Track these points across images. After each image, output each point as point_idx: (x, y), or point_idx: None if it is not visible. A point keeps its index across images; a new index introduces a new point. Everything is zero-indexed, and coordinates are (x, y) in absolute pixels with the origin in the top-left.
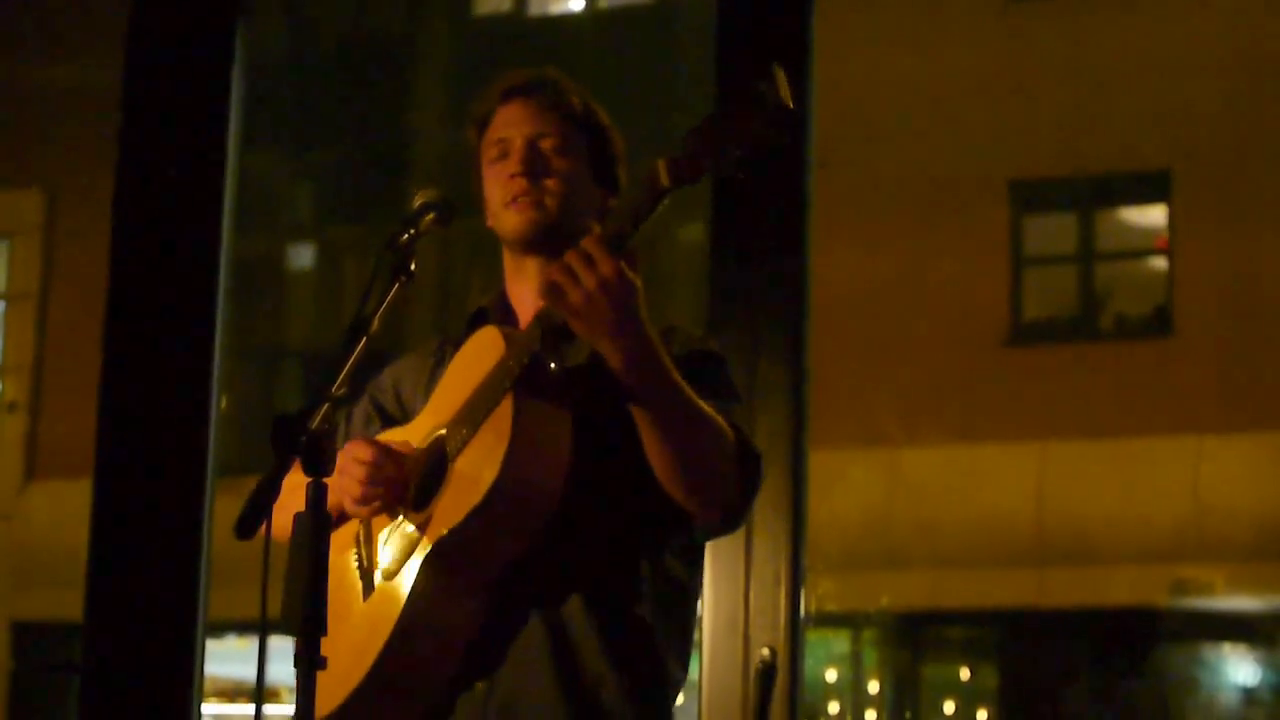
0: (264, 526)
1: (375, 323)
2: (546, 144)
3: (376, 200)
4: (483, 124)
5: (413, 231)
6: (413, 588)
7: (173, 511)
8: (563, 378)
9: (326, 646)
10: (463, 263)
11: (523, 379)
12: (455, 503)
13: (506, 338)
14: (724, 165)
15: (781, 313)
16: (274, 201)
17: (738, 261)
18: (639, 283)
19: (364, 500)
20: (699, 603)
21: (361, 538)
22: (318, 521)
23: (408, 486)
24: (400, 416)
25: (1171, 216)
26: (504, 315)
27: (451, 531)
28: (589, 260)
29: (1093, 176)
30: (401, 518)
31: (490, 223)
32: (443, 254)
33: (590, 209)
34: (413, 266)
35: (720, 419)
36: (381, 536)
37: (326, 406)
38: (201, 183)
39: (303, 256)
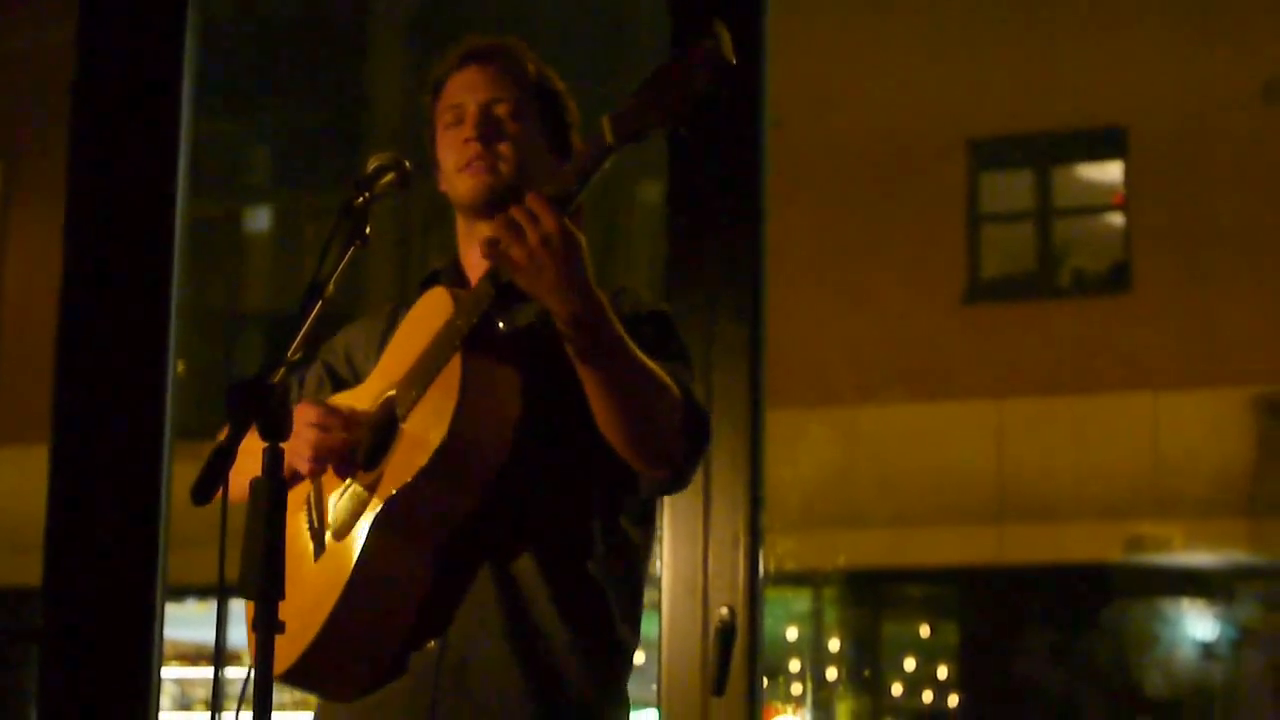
0: (221, 491)
1: (331, 286)
2: (500, 109)
3: (333, 163)
4: (437, 89)
5: (368, 195)
6: (363, 547)
7: (131, 476)
8: (511, 336)
9: (285, 605)
10: (420, 226)
11: (470, 338)
12: (404, 463)
13: (454, 298)
14: (668, 121)
15: (739, 272)
16: (230, 165)
17: (694, 222)
18: (583, 239)
19: (312, 461)
20: (651, 565)
21: (312, 499)
22: (275, 486)
23: (357, 448)
24: (352, 380)
25: (1128, 173)
26: (457, 279)
27: (400, 491)
28: (532, 216)
29: (1049, 133)
30: (352, 479)
31: (443, 187)
32: (400, 217)
33: (543, 175)
34: (368, 230)
35: (667, 377)
36: (333, 498)
37: (283, 371)
38: (156, 147)
39: (259, 220)
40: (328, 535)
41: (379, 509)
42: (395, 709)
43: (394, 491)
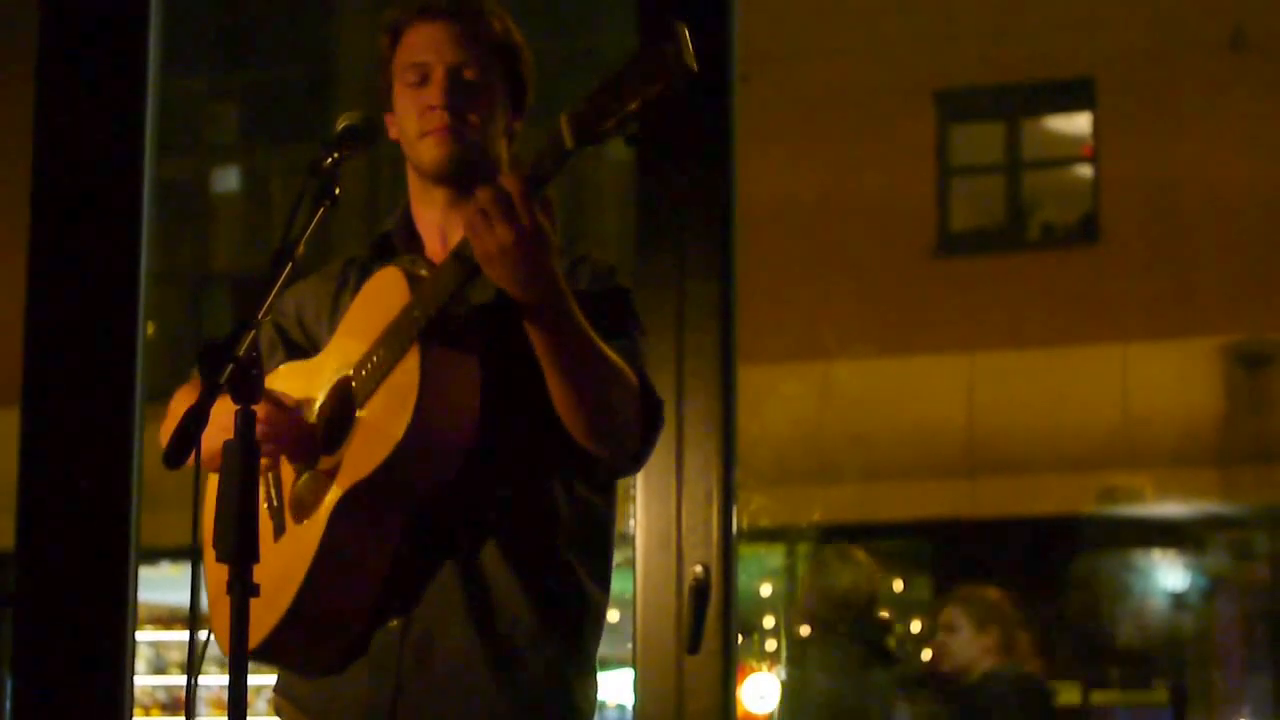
0: (193, 455)
1: (301, 247)
2: (469, 74)
3: (302, 121)
4: (395, 34)
5: (337, 155)
6: (325, 530)
7: (102, 438)
8: (471, 324)
9: None
10: (389, 183)
11: (428, 329)
12: (363, 453)
13: (411, 283)
14: (627, 125)
15: (709, 228)
16: (198, 123)
17: (664, 178)
18: (553, 236)
19: (266, 453)
20: (624, 523)
21: (271, 479)
22: (247, 448)
23: (310, 436)
24: (304, 342)
25: (1096, 124)
26: (409, 240)
27: (361, 481)
28: (509, 209)
29: (1018, 84)
30: (304, 464)
31: (399, 140)
32: (369, 174)
33: (501, 136)
34: (337, 190)
35: (625, 366)
36: (290, 477)
37: (253, 333)
38: (123, 105)
39: (228, 179)
40: (287, 515)
41: (340, 496)
42: (360, 686)
43: (354, 481)
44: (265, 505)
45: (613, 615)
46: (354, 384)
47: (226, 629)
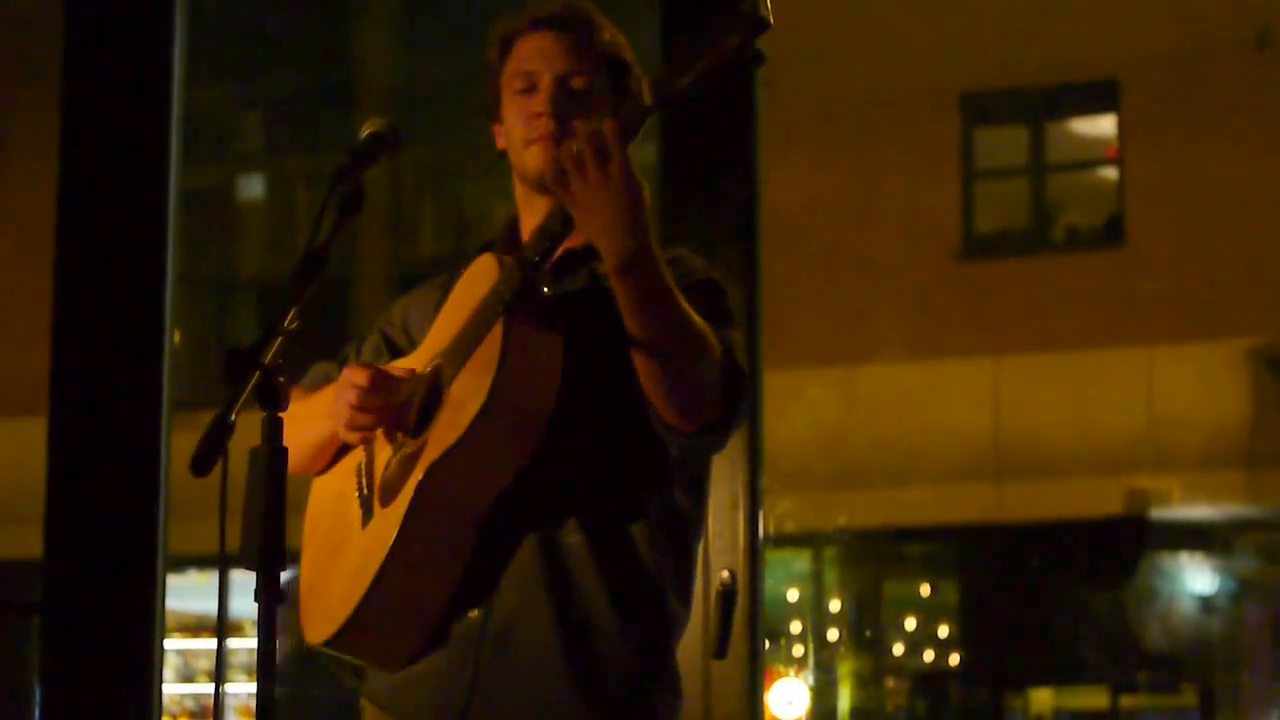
0: (221, 462)
1: (326, 255)
2: (576, 84)
3: (327, 129)
4: (505, 46)
5: (361, 162)
6: (406, 512)
7: (129, 447)
8: (554, 301)
9: (331, 572)
10: (413, 191)
11: (514, 304)
12: (447, 428)
13: (499, 264)
14: (704, 82)
15: (734, 233)
16: (223, 132)
17: (688, 182)
18: (645, 187)
19: (351, 425)
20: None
21: (363, 466)
22: (273, 455)
23: (406, 413)
24: (409, 349)
25: (1121, 126)
26: (512, 246)
27: (441, 456)
28: (604, 151)
29: (1042, 87)
30: (400, 444)
31: (505, 148)
32: (393, 182)
33: None
34: (362, 198)
35: (711, 334)
36: (382, 464)
37: (280, 340)
38: (149, 114)
39: (253, 187)
40: (375, 500)
41: (423, 474)
42: (436, 679)
43: (437, 457)
44: (356, 494)
45: None
46: (443, 365)
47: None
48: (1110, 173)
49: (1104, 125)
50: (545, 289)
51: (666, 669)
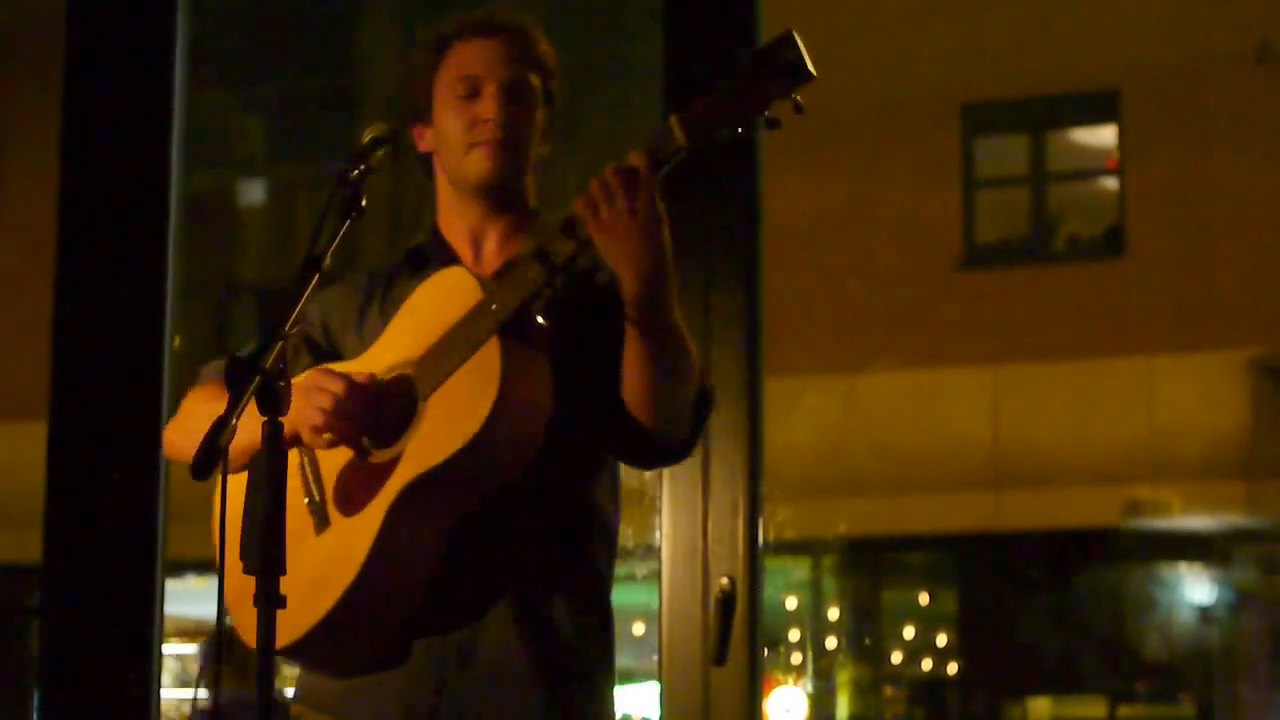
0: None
1: (328, 259)
2: (519, 91)
3: (327, 134)
4: (441, 48)
5: (363, 167)
6: (383, 525)
7: (129, 451)
8: (546, 326)
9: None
10: (414, 195)
11: (508, 325)
12: (433, 444)
13: (480, 281)
14: (742, 125)
15: (735, 241)
16: (224, 137)
17: (690, 190)
18: (666, 220)
19: (324, 430)
20: (650, 534)
21: (308, 470)
22: (274, 460)
23: (374, 422)
24: (329, 349)
25: (1122, 136)
26: (442, 251)
27: (430, 470)
28: (633, 182)
29: (1043, 97)
30: (361, 453)
31: (430, 150)
32: (394, 185)
33: (534, 158)
34: (363, 202)
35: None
36: (334, 470)
37: (280, 345)
38: (149, 119)
39: (254, 192)
40: (331, 508)
41: (401, 489)
42: (398, 683)
43: (421, 472)
44: (304, 498)
45: (638, 627)
46: (416, 378)
47: (246, 630)
48: (1111, 183)
49: (1105, 135)
50: (540, 319)
51: (609, 646)
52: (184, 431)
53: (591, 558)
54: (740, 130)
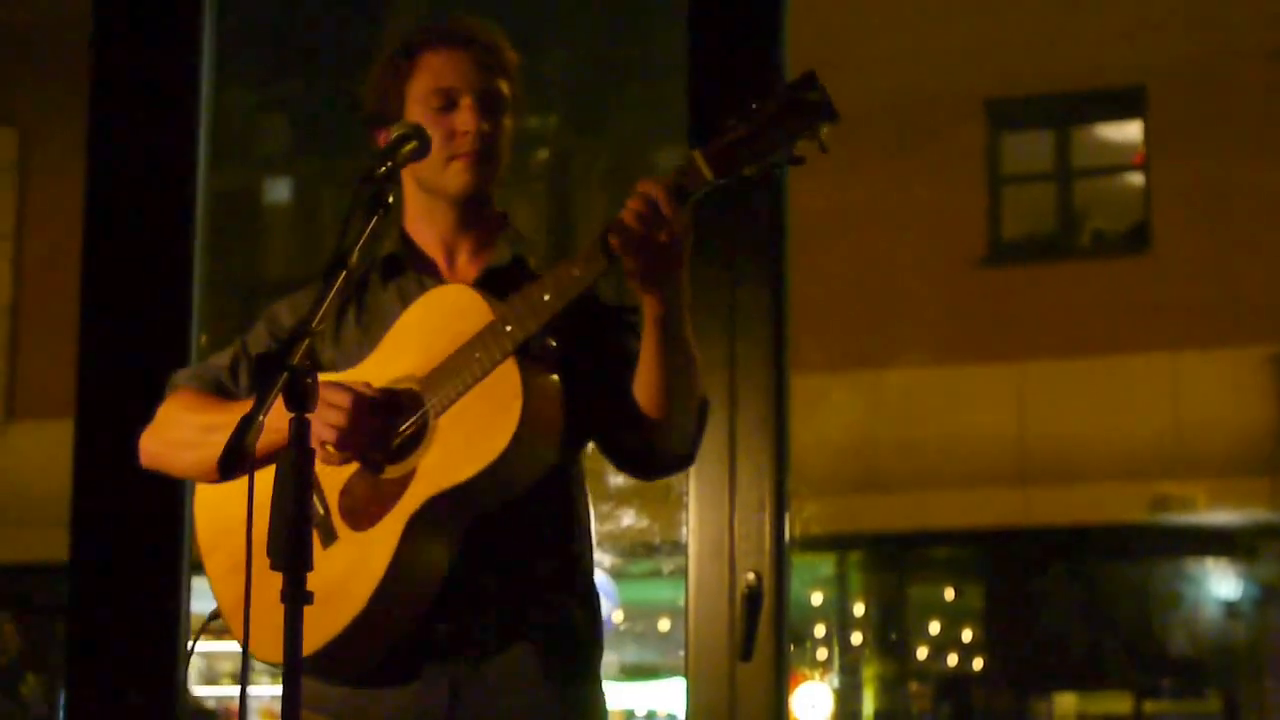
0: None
1: (354, 256)
2: (492, 103)
3: (352, 132)
4: (412, 55)
5: (389, 164)
6: (401, 541)
7: None
8: (556, 349)
9: (277, 593)
10: None
11: (525, 346)
12: (452, 462)
13: (489, 302)
14: (767, 161)
15: (760, 236)
16: (249, 135)
17: (716, 188)
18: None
19: (340, 447)
20: (676, 530)
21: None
22: (301, 456)
23: (384, 438)
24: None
25: (1148, 132)
26: (419, 260)
27: (451, 489)
28: (663, 210)
29: (1068, 93)
30: (373, 466)
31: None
32: None
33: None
34: (390, 199)
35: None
36: (338, 484)
37: (307, 342)
38: (175, 117)
39: (279, 190)
40: (338, 523)
41: (420, 505)
42: (406, 693)
43: (441, 490)
44: None
45: (664, 623)
46: (425, 393)
47: (253, 637)
48: (1137, 179)
49: (1130, 131)
50: (552, 341)
51: (602, 642)
52: (165, 442)
53: (584, 556)
54: (768, 168)
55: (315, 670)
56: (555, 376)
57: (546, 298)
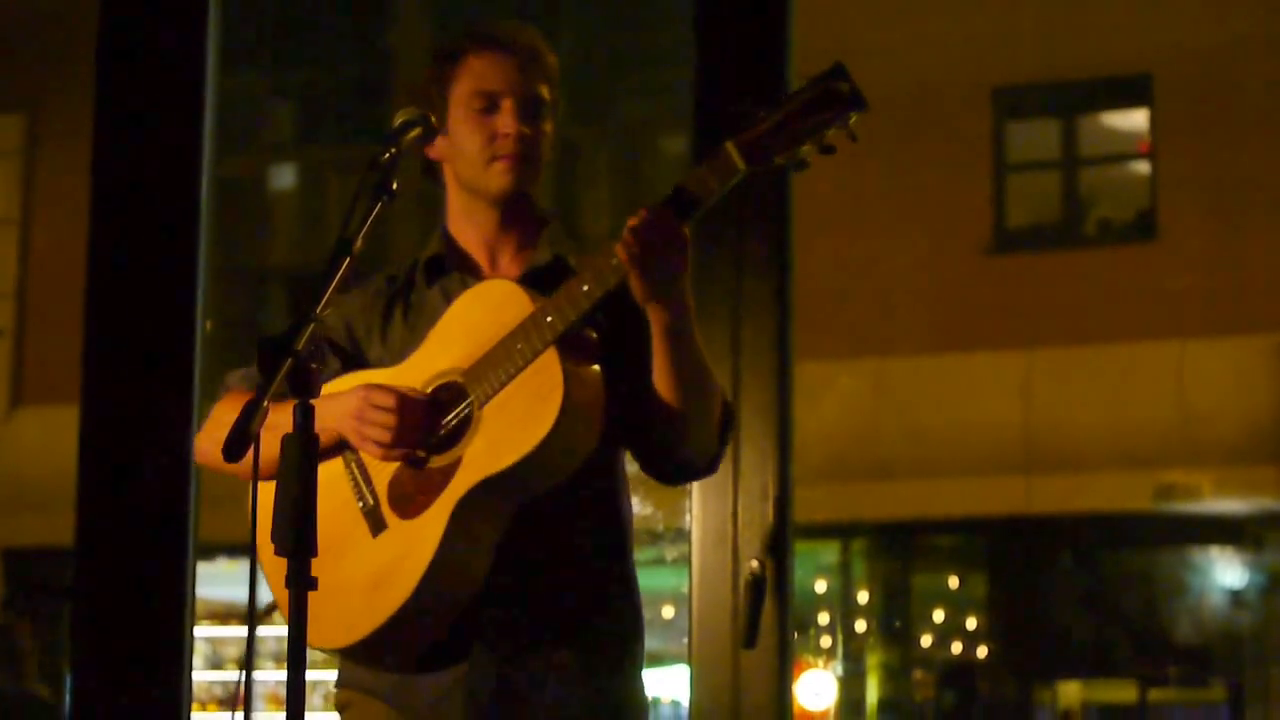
0: (251, 449)
1: (359, 242)
2: (534, 106)
3: (359, 118)
4: (454, 59)
5: (395, 150)
6: (448, 527)
7: (161, 435)
8: (594, 338)
9: (334, 580)
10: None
11: (566, 337)
12: (496, 450)
13: (530, 294)
14: (797, 151)
15: (765, 224)
16: (255, 121)
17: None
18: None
19: (392, 447)
20: (680, 518)
21: (358, 474)
22: (305, 443)
23: (431, 433)
24: (354, 354)
25: (1153, 120)
26: (462, 260)
27: (496, 475)
28: (669, 229)
29: (1074, 82)
30: (418, 462)
31: (452, 162)
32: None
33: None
34: (395, 185)
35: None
36: (387, 475)
37: (311, 328)
38: (181, 103)
39: (285, 176)
40: (386, 512)
41: (465, 492)
42: (460, 674)
43: (486, 476)
44: (357, 502)
45: (668, 611)
46: (469, 384)
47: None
48: (1142, 167)
49: (1136, 119)
50: (593, 333)
51: (642, 632)
52: (217, 441)
53: (625, 547)
54: (797, 158)
55: (367, 658)
56: (596, 366)
57: (585, 288)
